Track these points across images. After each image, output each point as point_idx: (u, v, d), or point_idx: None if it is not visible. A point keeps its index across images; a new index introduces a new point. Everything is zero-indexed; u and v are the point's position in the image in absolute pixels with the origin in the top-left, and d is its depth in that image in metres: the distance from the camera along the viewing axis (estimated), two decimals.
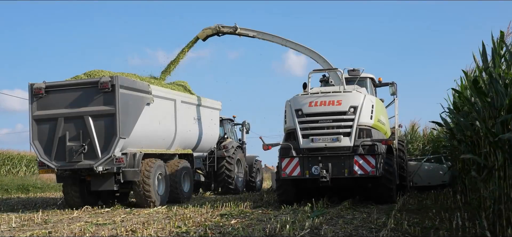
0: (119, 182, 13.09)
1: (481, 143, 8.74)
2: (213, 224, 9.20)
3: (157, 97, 13.96)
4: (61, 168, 12.86)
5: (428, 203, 12.22)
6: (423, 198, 13.54)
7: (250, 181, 20.58)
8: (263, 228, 8.35)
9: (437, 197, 13.59)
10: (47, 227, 9.69)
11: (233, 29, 16.67)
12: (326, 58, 15.09)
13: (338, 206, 11.43)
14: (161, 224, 9.42)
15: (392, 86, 14.95)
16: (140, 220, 10.24)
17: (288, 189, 12.92)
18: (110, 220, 10.40)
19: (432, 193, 14.66)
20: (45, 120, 12.87)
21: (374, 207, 11.58)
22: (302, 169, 12.38)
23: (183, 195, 14.92)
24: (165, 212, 11.77)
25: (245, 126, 21.19)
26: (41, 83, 12.91)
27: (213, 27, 16.86)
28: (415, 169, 16.48)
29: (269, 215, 10.39)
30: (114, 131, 12.43)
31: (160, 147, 14.56)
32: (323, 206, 11.75)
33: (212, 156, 18.59)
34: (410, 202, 12.64)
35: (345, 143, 12.10)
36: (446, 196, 13.59)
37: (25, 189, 24.81)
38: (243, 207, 12.13)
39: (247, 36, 16.71)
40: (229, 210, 11.53)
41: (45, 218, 11.32)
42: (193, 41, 17.21)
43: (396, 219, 9.07)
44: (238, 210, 11.61)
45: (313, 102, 12.39)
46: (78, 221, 10.39)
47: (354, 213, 10.47)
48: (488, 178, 7.97)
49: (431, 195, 13.99)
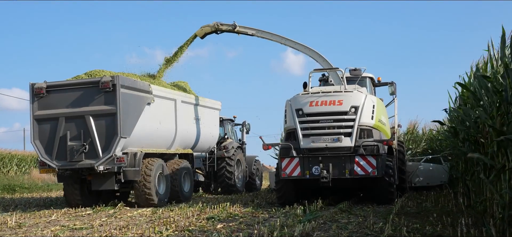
0: (120, 181, 13.10)
1: (488, 142, 8.28)
2: (197, 229, 8.76)
3: (158, 97, 13.98)
4: (62, 167, 12.86)
5: (428, 206, 11.73)
6: (422, 200, 13.06)
7: (251, 181, 20.61)
8: (249, 234, 7.96)
9: (438, 199, 13.01)
10: (19, 232, 9.30)
11: (232, 27, 16.54)
12: (325, 57, 15.05)
13: (333, 209, 11.01)
14: (141, 229, 8.92)
15: (391, 85, 14.99)
16: (120, 224, 9.65)
17: (288, 190, 12.91)
18: (89, 223, 9.95)
19: (432, 194, 14.07)
20: (46, 119, 12.88)
21: (371, 209, 11.22)
22: (303, 169, 12.38)
23: (183, 195, 14.93)
24: (149, 215, 11.28)
25: (245, 127, 21.22)
26: (42, 83, 12.92)
27: (211, 25, 16.73)
28: (414, 170, 16.51)
29: (258, 218, 9.99)
30: (115, 131, 12.44)
31: (161, 146, 14.58)
32: (317, 208, 11.33)
33: (212, 156, 18.62)
34: (409, 204, 12.15)
35: (346, 143, 12.10)
36: (447, 198, 12.94)
37: (12, 189, 24.19)
38: (233, 209, 11.81)
39: (246, 34, 16.59)
40: (217, 213, 11.04)
41: (20, 221, 10.82)
42: (191, 38, 17.09)
43: (394, 224, 8.59)
44: (226, 213, 11.16)
45: (314, 102, 12.39)
46: (55, 225, 9.94)
47: (350, 217, 10.01)
48: (497, 180, 7.52)
49: (431, 197, 13.45)
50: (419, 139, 21.81)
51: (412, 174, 16.31)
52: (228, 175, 18.63)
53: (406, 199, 13.32)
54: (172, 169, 14.63)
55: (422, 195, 14.52)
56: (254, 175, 20.82)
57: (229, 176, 18.64)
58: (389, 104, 15.40)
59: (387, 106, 15.16)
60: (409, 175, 16.21)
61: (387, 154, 12.63)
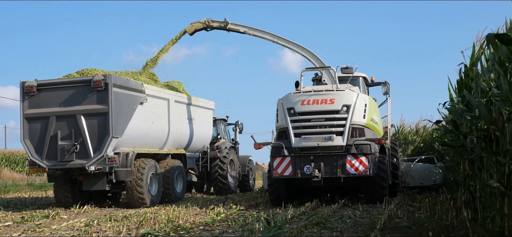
0: (111, 182, 13.03)
1: (505, 136, 6.36)
2: None
3: (151, 96, 13.91)
4: (53, 167, 12.76)
5: (422, 217, 9.48)
6: (415, 208, 10.95)
7: (244, 181, 20.56)
8: None
9: (433, 207, 10.55)
10: None
11: (223, 24, 16.32)
12: (319, 56, 15.01)
13: (303, 222, 8.94)
14: None
15: (384, 85, 14.98)
16: None
17: (279, 189, 12.86)
18: None
19: (426, 202, 11.68)
20: (37, 118, 12.79)
21: (351, 220, 9.35)
22: (294, 168, 12.34)
23: (175, 196, 14.86)
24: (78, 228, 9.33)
25: (238, 126, 21.18)
26: (33, 81, 12.84)
27: (202, 21, 16.43)
28: (407, 170, 16.49)
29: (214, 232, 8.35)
30: (106, 130, 12.37)
31: (153, 147, 14.51)
32: (285, 221, 9.21)
33: (205, 156, 18.55)
34: (399, 213, 10.01)
35: (337, 142, 12.08)
36: (444, 205, 10.74)
37: None
38: (200, 217, 10.27)
39: (237, 32, 16.36)
40: (175, 224, 9.13)
41: None
42: (181, 34, 16.78)
43: None
44: (172, 225, 9.13)
45: (305, 101, 12.37)
46: None
47: (322, 232, 8.02)
48: None
49: (425, 205, 11.07)
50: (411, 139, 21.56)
51: (405, 174, 16.30)
52: (221, 176, 18.57)
53: (396, 207, 11.14)
54: (164, 170, 14.55)
55: (415, 201, 12.51)
56: (247, 175, 20.78)
57: (223, 177, 18.58)
58: (382, 104, 15.39)
59: (380, 106, 15.15)
60: (402, 175, 16.19)
61: (380, 153, 12.57)
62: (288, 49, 15.84)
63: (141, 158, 13.59)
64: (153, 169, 13.79)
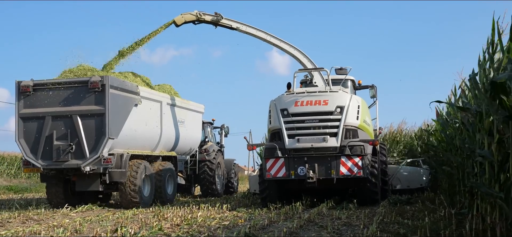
0: (105, 182, 13.05)
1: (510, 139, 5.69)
2: None
3: (145, 98, 13.99)
4: (47, 167, 12.73)
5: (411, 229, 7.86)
6: (404, 219, 9.29)
7: (229, 184, 20.69)
8: None
9: (424, 218, 8.77)
10: None
11: (217, 18, 15.37)
12: (310, 58, 14.99)
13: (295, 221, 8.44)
14: None
15: (372, 88, 15.22)
16: None
17: (272, 191, 12.85)
18: None
19: (415, 210, 10.71)
20: (32, 118, 12.76)
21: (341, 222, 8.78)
22: (288, 170, 12.35)
23: (166, 197, 14.93)
24: None
25: (224, 130, 21.33)
26: (29, 81, 12.80)
27: (194, 13, 15.35)
28: (394, 173, 16.76)
29: None
30: (103, 131, 12.41)
31: (146, 148, 14.56)
32: None
33: (193, 159, 18.64)
34: (386, 227, 8.32)
35: (331, 143, 12.16)
36: (437, 213, 9.58)
37: None
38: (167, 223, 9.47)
39: (230, 28, 15.55)
40: None
41: None
42: (168, 24, 15.45)
43: None
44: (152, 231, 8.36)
45: (299, 102, 12.43)
46: None
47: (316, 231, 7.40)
48: None
49: (416, 214, 9.93)
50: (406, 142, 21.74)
51: (392, 178, 16.56)
52: (209, 179, 18.66)
53: (382, 218, 9.50)
54: (156, 171, 14.62)
55: (405, 212, 10.72)
56: (232, 178, 20.93)
57: (211, 180, 18.68)
58: (370, 107, 15.60)
59: None
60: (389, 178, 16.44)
61: (372, 155, 12.70)
62: (278, 50, 15.51)
63: (134, 159, 13.64)
64: (146, 171, 13.85)
